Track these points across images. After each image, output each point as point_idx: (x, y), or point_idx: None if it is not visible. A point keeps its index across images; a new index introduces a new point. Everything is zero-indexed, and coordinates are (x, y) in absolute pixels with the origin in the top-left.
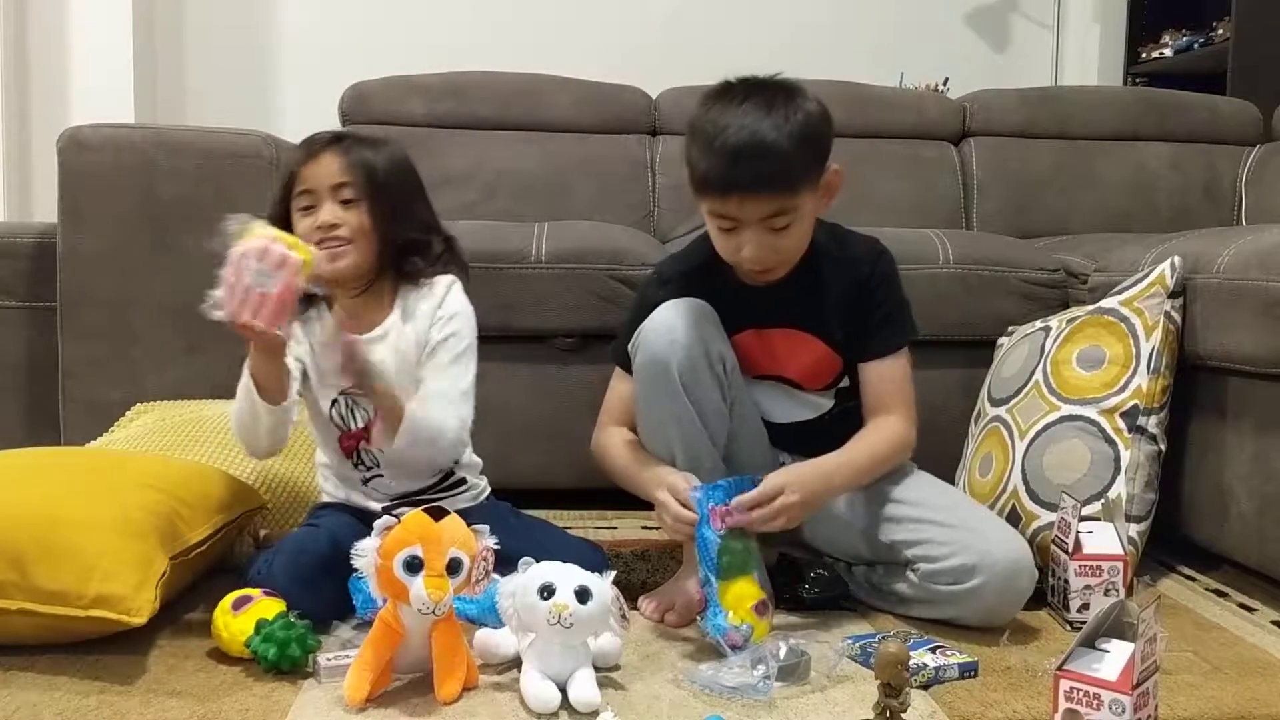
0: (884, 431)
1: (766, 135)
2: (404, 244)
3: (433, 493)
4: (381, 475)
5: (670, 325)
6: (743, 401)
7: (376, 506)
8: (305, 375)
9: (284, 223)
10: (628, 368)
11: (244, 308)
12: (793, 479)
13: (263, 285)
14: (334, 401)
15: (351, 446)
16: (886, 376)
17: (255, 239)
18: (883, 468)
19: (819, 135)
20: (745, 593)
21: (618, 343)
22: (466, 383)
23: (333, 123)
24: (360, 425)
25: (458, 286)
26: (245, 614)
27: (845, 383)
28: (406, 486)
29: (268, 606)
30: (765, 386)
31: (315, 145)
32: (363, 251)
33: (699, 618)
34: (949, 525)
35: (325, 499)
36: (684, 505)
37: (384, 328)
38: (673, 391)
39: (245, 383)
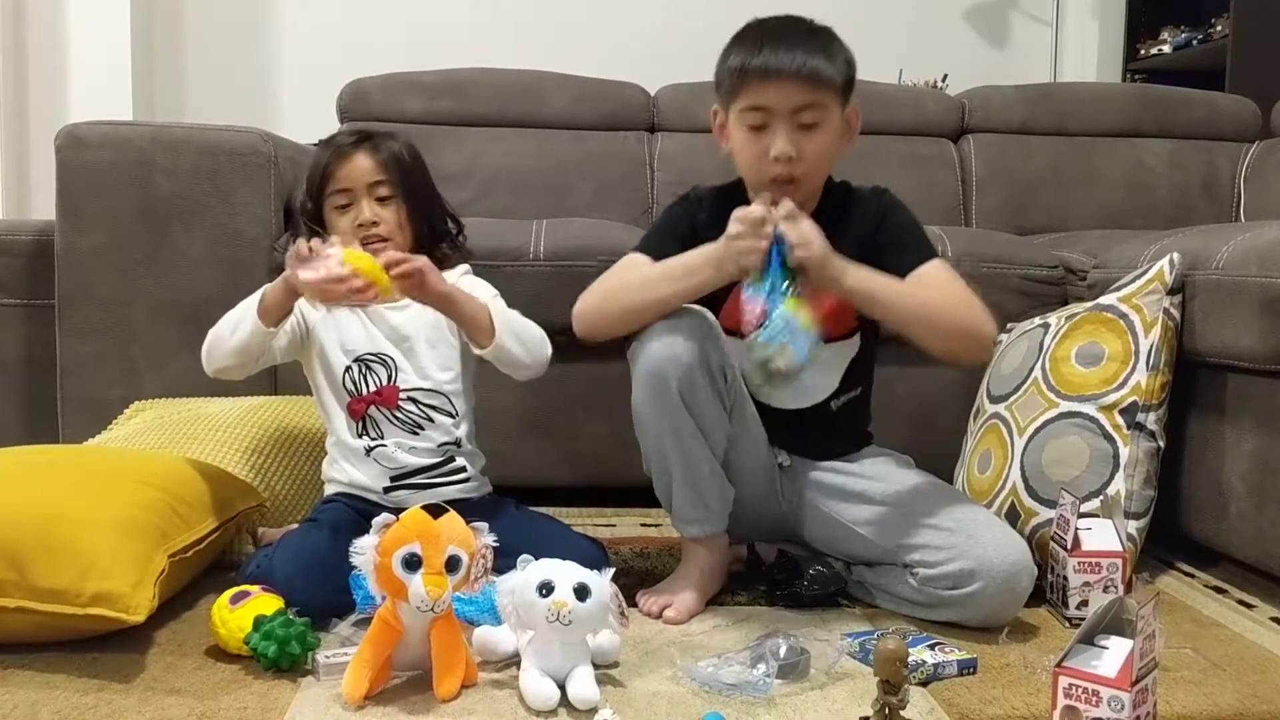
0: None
1: (804, 39)
2: (432, 233)
3: (433, 474)
4: (385, 445)
5: (670, 340)
6: (742, 407)
7: (379, 486)
8: (324, 360)
9: (318, 220)
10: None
11: (321, 285)
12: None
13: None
14: (348, 369)
15: (360, 410)
16: (932, 274)
17: (357, 276)
18: (928, 313)
19: (849, 63)
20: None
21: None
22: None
23: (331, 120)
24: (373, 390)
25: (470, 273)
26: (243, 608)
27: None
28: (408, 460)
29: (266, 602)
30: None
31: (345, 145)
32: (399, 245)
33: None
34: (946, 529)
35: (330, 489)
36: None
37: (407, 299)
38: (672, 406)
39: (253, 298)
